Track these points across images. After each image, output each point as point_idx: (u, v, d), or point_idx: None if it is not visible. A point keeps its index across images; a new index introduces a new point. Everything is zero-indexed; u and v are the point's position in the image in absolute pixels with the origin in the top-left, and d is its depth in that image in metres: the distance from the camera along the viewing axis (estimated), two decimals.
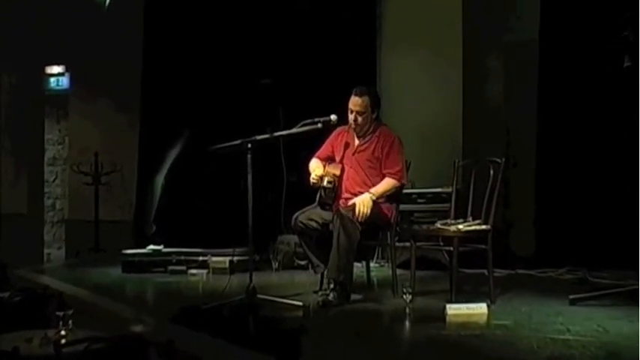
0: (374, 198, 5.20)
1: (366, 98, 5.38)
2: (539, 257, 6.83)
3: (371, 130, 5.46)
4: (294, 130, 5.25)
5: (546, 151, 7.07)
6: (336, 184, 5.34)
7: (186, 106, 8.03)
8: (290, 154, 5.53)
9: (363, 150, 5.44)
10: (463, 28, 7.52)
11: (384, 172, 5.34)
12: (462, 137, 7.44)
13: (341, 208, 5.18)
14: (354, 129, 5.43)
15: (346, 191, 5.42)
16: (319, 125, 5.23)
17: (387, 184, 5.31)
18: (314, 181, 5.32)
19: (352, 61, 7.71)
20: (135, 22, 8.59)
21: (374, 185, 5.32)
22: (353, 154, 5.47)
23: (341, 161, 5.50)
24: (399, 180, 5.31)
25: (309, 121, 5.24)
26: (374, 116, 5.45)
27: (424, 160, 7.04)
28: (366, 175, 5.40)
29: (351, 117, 5.40)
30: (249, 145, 5.05)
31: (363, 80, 6.04)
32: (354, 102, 5.39)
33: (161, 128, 8.21)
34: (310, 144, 5.77)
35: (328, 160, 5.58)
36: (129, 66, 8.61)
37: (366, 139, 5.46)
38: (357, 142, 5.51)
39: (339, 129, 5.63)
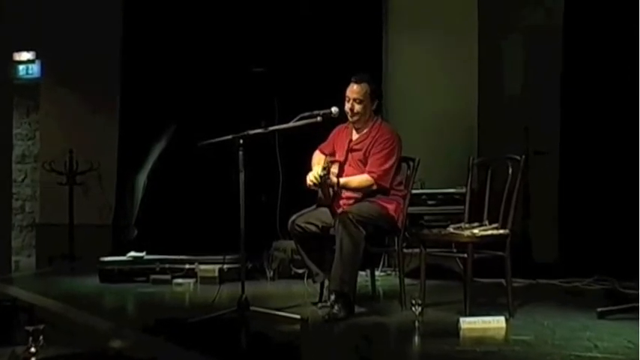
0: (335, 187, 5.24)
1: (364, 85, 5.40)
2: (564, 265, 6.83)
3: (369, 123, 5.47)
4: (291, 124, 5.25)
5: (571, 148, 7.07)
6: (330, 168, 5.32)
7: (171, 98, 8.01)
8: (286, 151, 5.53)
9: (358, 149, 5.46)
10: (479, 11, 7.53)
11: (367, 169, 5.36)
12: (477, 132, 7.45)
13: (341, 212, 5.18)
14: (351, 119, 5.45)
15: (345, 193, 5.43)
16: (319, 119, 5.23)
17: (360, 179, 5.33)
18: (311, 183, 5.29)
19: (355, 48, 7.70)
20: (114, 5, 8.58)
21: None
22: (349, 151, 5.49)
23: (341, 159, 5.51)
24: (375, 180, 5.29)
25: (307, 114, 5.24)
26: (373, 107, 5.46)
27: (435, 158, 7.04)
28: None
29: (347, 106, 5.41)
30: (241, 141, 5.05)
31: (366, 69, 6.03)
32: (352, 89, 5.42)
33: (143, 122, 8.20)
34: (309, 139, 5.77)
35: (327, 156, 5.60)
36: (108, 53, 8.60)
37: (363, 133, 5.48)
38: (353, 137, 5.53)
39: (340, 126, 5.65)
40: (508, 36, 7.70)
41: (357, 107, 5.40)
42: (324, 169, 5.15)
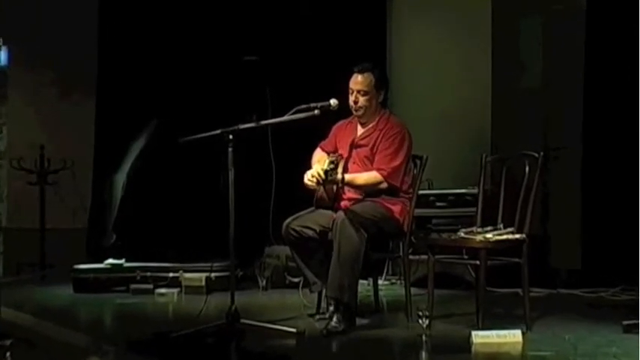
0: (339, 183, 5.24)
1: (369, 75, 5.42)
2: (587, 273, 6.84)
3: (376, 117, 5.49)
4: (285, 118, 5.27)
5: (595, 143, 7.08)
6: (338, 161, 5.33)
7: (154, 89, 8.02)
8: (281, 148, 5.55)
9: (364, 144, 5.47)
10: None
11: (374, 166, 5.38)
12: (490, 127, 7.46)
13: (340, 213, 5.20)
14: (356, 113, 5.46)
15: (347, 193, 5.44)
16: (316, 112, 5.24)
17: (368, 176, 5.34)
18: (310, 182, 5.30)
19: (355, 34, 7.73)
20: None
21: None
22: (354, 148, 5.51)
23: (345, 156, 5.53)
24: (385, 177, 5.31)
25: (304, 106, 5.25)
26: (379, 99, 5.48)
27: (444, 155, 7.07)
28: None
29: (351, 99, 5.43)
30: (231, 136, 5.07)
31: (369, 57, 6.05)
32: (355, 80, 5.43)
33: (122, 115, 8.21)
34: (305, 135, 5.79)
35: (330, 153, 5.61)
36: (83, 39, 8.61)
37: (369, 127, 5.50)
38: (358, 132, 5.55)
39: (342, 121, 5.68)
40: (525, 20, 7.72)
41: (362, 100, 5.42)
42: (331, 162, 5.17)
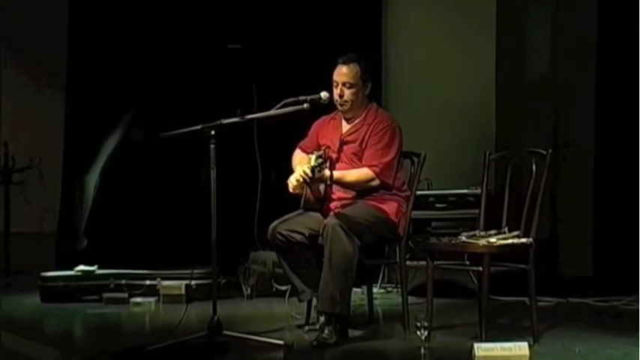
0: (328, 181, 5.23)
1: (355, 66, 5.43)
2: (599, 281, 6.86)
3: (362, 111, 5.50)
4: (272, 112, 5.27)
5: (607, 140, 7.11)
6: (327, 157, 5.33)
7: (129, 81, 8.00)
8: (267, 144, 5.56)
9: (352, 140, 5.48)
10: None
11: (363, 162, 5.39)
12: (494, 122, 7.46)
13: (331, 217, 5.21)
14: (341, 107, 5.47)
15: (336, 193, 5.45)
16: (305, 106, 5.25)
17: (359, 172, 5.35)
18: (296, 189, 5.30)
19: (348, 21, 7.72)
20: None
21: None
22: (340, 145, 5.51)
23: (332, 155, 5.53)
24: (377, 174, 5.32)
25: (292, 100, 5.26)
26: (366, 92, 5.50)
27: (444, 153, 7.08)
28: None
29: (335, 92, 5.43)
30: (213, 132, 5.07)
31: (361, 47, 6.07)
32: (340, 71, 5.44)
33: (94, 110, 8.19)
34: (294, 131, 5.79)
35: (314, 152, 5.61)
36: (52, 24, 8.59)
37: (355, 123, 5.51)
38: (344, 128, 5.56)
39: (323, 118, 5.68)
40: (533, 7, 7.73)
41: (348, 93, 5.43)
42: (319, 157, 5.15)
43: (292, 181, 5.26)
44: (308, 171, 5.07)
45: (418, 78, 7.77)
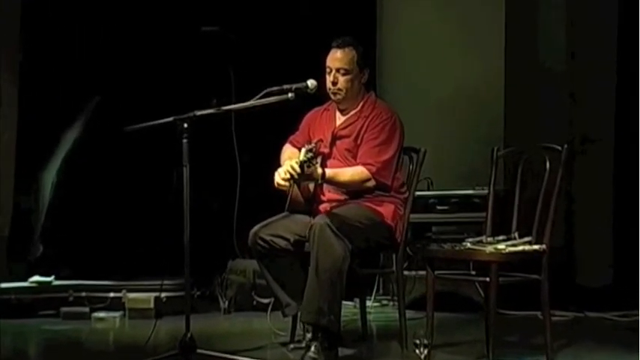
0: (319, 180, 5.22)
1: (351, 51, 5.42)
2: (619, 293, 6.87)
3: (358, 101, 5.49)
4: (252, 103, 5.26)
5: (629, 135, 7.11)
6: (318, 151, 5.31)
7: (91, 66, 7.99)
8: (247, 139, 5.55)
9: (346, 135, 5.47)
10: None
11: (358, 160, 5.38)
12: (503, 114, 7.47)
13: (319, 218, 5.20)
14: (334, 97, 5.45)
15: (327, 193, 5.44)
16: (290, 95, 5.24)
17: (353, 171, 5.33)
18: (283, 183, 5.28)
19: (340, 4, 7.72)
20: None
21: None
22: (333, 140, 5.50)
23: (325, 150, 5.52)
24: (373, 173, 5.30)
25: (275, 89, 5.25)
26: (363, 80, 5.49)
27: (447, 149, 7.09)
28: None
29: (328, 79, 5.42)
30: (186, 125, 5.06)
31: (354, 31, 6.05)
32: (334, 56, 5.43)
33: (51, 98, 8.17)
34: (277, 124, 5.79)
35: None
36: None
37: (350, 115, 5.50)
38: (338, 121, 5.55)
39: (316, 109, 5.68)
40: None
41: (342, 80, 5.41)
42: (309, 151, 5.12)
43: (280, 174, 5.20)
44: (296, 166, 5.03)
45: (418, 68, 7.77)
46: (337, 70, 5.40)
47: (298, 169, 5.03)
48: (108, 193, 7.86)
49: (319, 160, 5.29)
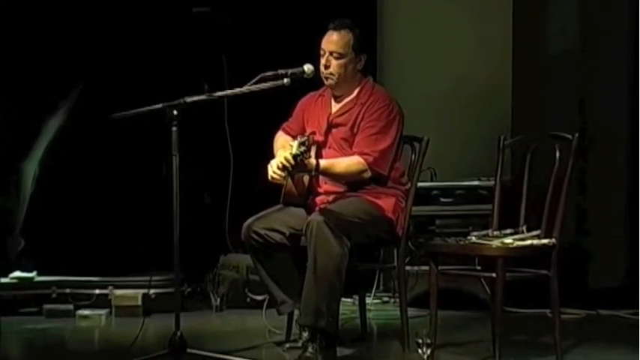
0: (313, 171, 5.21)
1: (347, 34, 5.42)
2: (634, 290, 6.87)
3: (354, 87, 5.49)
4: (246, 89, 5.26)
5: None
6: (311, 144, 5.30)
7: (75, 49, 7.98)
8: (240, 127, 5.55)
9: (342, 123, 5.46)
10: None
11: (353, 149, 5.38)
12: (510, 102, 7.47)
13: (316, 213, 5.20)
14: (326, 81, 5.45)
15: (323, 185, 5.44)
16: (286, 81, 5.25)
17: (349, 161, 5.32)
18: (276, 176, 5.28)
19: None
20: None
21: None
22: (328, 128, 5.50)
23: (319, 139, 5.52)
24: (370, 164, 5.30)
25: (270, 74, 5.25)
26: (359, 66, 5.49)
27: (451, 138, 7.08)
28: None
29: (322, 62, 5.42)
30: (175, 112, 5.06)
31: (353, 14, 6.06)
32: (329, 39, 5.43)
33: (33, 84, 8.16)
34: (272, 111, 5.79)
35: (299, 135, 5.60)
36: None
37: (346, 102, 5.50)
38: (333, 108, 5.55)
39: (311, 95, 5.68)
40: None
41: (335, 64, 5.40)
42: (302, 144, 5.11)
43: (273, 167, 5.22)
44: (290, 157, 5.03)
45: (420, 53, 7.76)
46: (331, 54, 5.40)
47: (292, 161, 5.02)
48: (93, 184, 7.83)
49: (313, 150, 5.29)
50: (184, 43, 7.59)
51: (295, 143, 5.17)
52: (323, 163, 5.24)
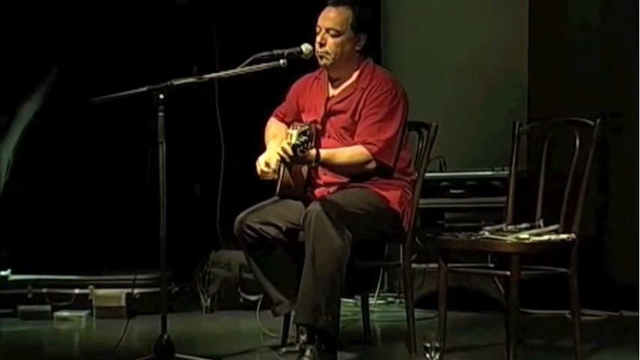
0: (313, 162, 5.19)
1: (346, 11, 5.40)
2: None
3: (352, 70, 5.49)
4: (239, 70, 5.26)
5: None
6: (313, 134, 5.29)
7: (52, 28, 7.98)
8: (232, 112, 5.55)
9: (341, 110, 5.45)
10: None
11: (356, 139, 5.36)
12: (527, 85, 7.47)
13: (315, 204, 5.20)
14: (320, 60, 5.43)
15: (322, 177, 5.44)
16: (282, 62, 5.24)
17: (352, 152, 5.30)
18: (266, 173, 5.29)
19: None
20: None
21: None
22: (326, 116, 5.49)
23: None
24: (374, 154, 5.28)
25: (265, 54, 5.25)
26: (357, 47, 5.49)
27: (461, 125, 7.09)
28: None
29: (317, 40, 5.41)
30: (162, 96, 5.06)
31: None
32: (326, 15, 5.42)
33: (5, 66, 8.17)
34: (267, 95, 5.79)
35: (294, 123, 5.60)
36: None
37: (345, 87, 5.49)
38: (331, 92, 5.54)
39: (305, 77, 5.67)
40: None
41: (331, 43, 5.38)
42: (302, 133, 5.09)
43: (260, 164, 5.24)
44: (288, 148, 5.01)
45: (429, 29, 7.77)
46: (327, 31, 5.38)
47: (291, 152, 4.97)
48: (72, 174, 7.85)
49: (313, 142, 5.28)
50: (172, 22, 7.59)
51: (295, 132, 5.14)
52: (324, 153, 5.21)
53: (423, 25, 7.79)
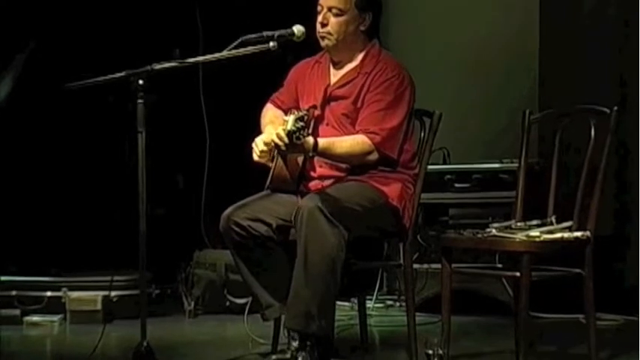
0: (310, 152, 5.18)
1: None
2: None
3: (357, 52, 5.49)
4: (225, 54, 5.27)
5: None
6: (310, 120, 5.29)
7: (24, 7, 7.99)
8: (218, 100, 5.55)
9: (343, 96, 5.45)
10: None
11: (357, 127, 5.36)
12: (537, 71, 7.49)
13: (308, 198, 5.20)
14: (322, 41, 5.43)
15: (317, 169, 5.44)
16: (271, 45, 5.24)
17: (353, 141, 5.29)
18: (260, 152, 5.29)
19: None
20: None
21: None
22: (326, 101, 5.49)
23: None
24: (377, 144, 5.28)
25: (253, 36, 5.25)
26: (362, 27, 5.49)
27: (467, 112, 7.10)
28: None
29: (319, 20, 5.40)
30: (141, 82, 5.06)
31: None
32: None
33: None
34: (257, 81, 5.79)
35: (292, 109, 5.60)
36: None
37: (348, 71, 5.49)
38: (332, 77, 5.54)
39: (305, 61, 5.68)
40: None
41: (333, 22, 5.38)
42: (299, 119, 5.06)
43: (258, 145, 5.24)
44: (283, 134, 4.99)
45: (435, 13, 7.78)
46: (329, 9, 5.37)
47: (286, 139, 4.94)
48: (44, 165, 7.85)
49: (310, 129, 5.27)
50: (152, 1, 7.60)
51: (291, 118, 5.10)
52: (322, 142, 5.19)
53: (429, 8, 7.80)
